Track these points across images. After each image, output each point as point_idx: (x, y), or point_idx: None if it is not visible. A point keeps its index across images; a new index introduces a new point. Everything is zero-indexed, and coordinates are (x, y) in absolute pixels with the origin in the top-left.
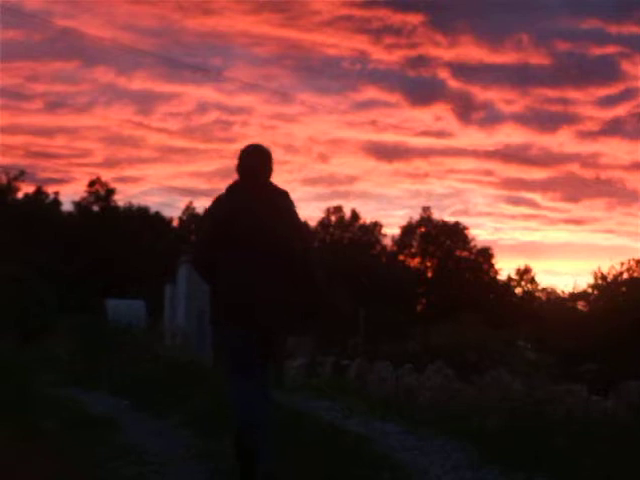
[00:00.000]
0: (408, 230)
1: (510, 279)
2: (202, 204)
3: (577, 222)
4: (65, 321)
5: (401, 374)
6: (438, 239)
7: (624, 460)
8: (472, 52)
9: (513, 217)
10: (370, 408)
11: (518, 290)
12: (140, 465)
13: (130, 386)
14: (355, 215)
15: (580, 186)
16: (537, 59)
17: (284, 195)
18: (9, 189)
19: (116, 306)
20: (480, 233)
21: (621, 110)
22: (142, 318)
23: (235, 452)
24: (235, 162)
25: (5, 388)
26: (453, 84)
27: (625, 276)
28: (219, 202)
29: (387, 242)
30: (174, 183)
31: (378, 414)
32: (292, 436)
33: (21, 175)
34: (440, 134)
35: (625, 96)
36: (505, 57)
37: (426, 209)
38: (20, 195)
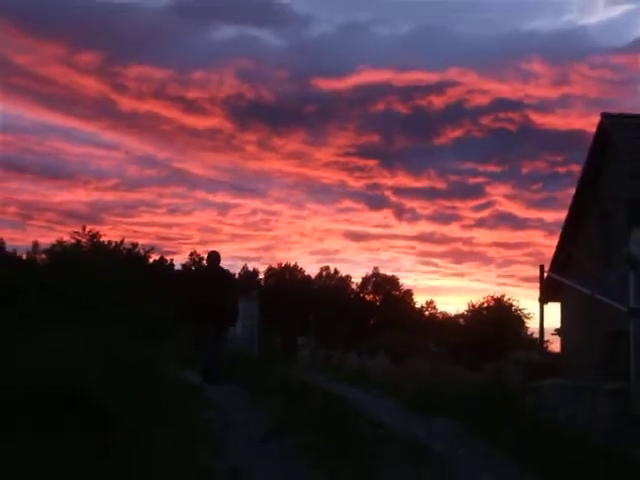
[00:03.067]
0: (366, 279)
1: (422, 307)
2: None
3: (460, 275)
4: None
5: (362, 360)
6: (383, 285)
7: (477, 401)
8: (403, 181)
9: (424, 272)
10: (344, 378)
11: (426, 313)
12: (215, 409)
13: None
14: (336, 271)
15: (462, 255)
16: (439, 184)
17: (227, 272)
18: (145, 258)
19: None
20: (406, 281)
21: (485, 213)
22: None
23: (204, 370)
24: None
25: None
26: (393, 199)
27: (485, 305)
28: (202, 272)
29: (354, 286)
30: (238, 254)
31: (349, 382)
32: (303, 391)
33: (151, 249)
34: (385, 226)
35: (487, 205)
36: (422, 183)
37: (376, 268)
38: (150, 261)
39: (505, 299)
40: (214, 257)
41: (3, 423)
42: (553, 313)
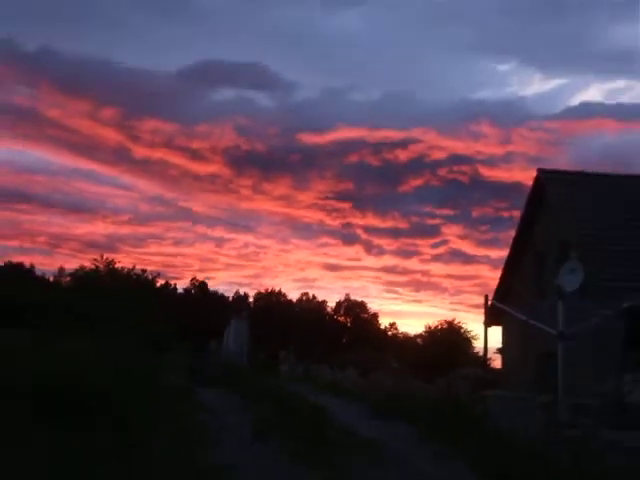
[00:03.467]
0: (339, 304)
1: (386, 328)
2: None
3: (419, 301)
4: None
5: (334, 373)
6: (353, 308)
7: (431, 409)
8: (372, 221)
9: (388, 298)
10: (319, 388)
11: (389, 333)
12: (209, 412)
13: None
14: (314, 296)
15: (420, 285)
16: (402, 224)
17: None
18: (152, 282)
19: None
20: (373, 306)
21: (440, 250)
22: (213, 346)
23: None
24: None
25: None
26: (364, 236)
27: (438, 327)
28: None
29: (329, 310)
30: (232, 280)
31: (325, 392)
32: (285, 398)
33: (158, 275)
34: (356, 259)
35: (442, 243)
36: (388, 223)
37: (348, 294)
38: (157, 285)
39: (455, 323)
40: None
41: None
42: (495, 335)
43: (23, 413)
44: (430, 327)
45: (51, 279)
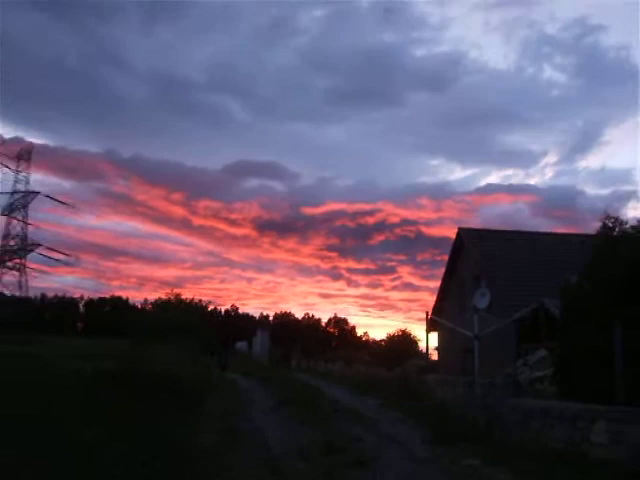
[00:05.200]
0: (330, 320)
1: (361, 336)
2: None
3: (383, 317)
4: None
5: (329, 365)
6: (339, 323)
7: (391, 387)
8: (352, 264)
9: (363, 316)
10: (319, 376)
11: (363, 339)
12: (243, 392)
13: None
14: (313, 315)
15: (384, 306)
16: (371, 266)
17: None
18: (206, 307)
19: (240, 345)
20: (352, 321)
21: (397, 283)
22: (245, 348)
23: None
24: None
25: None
26: (346, 274)
27: (396, 334)
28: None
29: (323, 324)
30: (258, 306)
31: (320, 378)
32: (293, 383)
33: (209, 302)
34: (341, 290)
35: (398, 278)
36: (362, 265)
37: (335, 313)
38: (209, 309)
39: (407, 331)
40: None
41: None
42: (433, 338)
43: (128, 390)
44: (390, 334)
45: (139, 306)
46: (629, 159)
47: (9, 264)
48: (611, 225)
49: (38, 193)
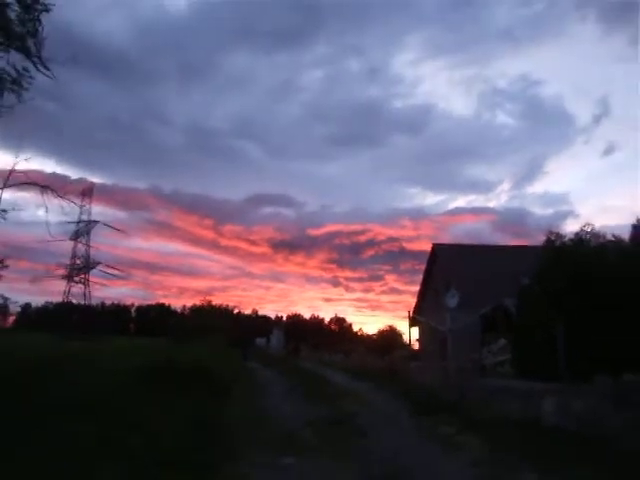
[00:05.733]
0: (331, 319)
1: (357, 331)
2: (281, 313)
3: (375, 316)
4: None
5: (331, 356)
6: (339, 321)
7: (381, 374)
8: (348, 274)
9: (358, 315)
10: (323, 365)
11: (359, 334)
12: (263, 379)
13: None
14: (318, 316)
15: (375, 307)
16: (364, 275)
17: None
18: (232, 310)
19: (259, 340)
20: (349, 319)
21: (385, 288)
22: (264, 343)
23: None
24: None
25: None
26: (344, 282)
27: (385, 329)
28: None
29: (326, 322)
30: (274, 308)
31: (324, 367)
32: (302, 371)
33: (234, 307)
34: (340, 295)
35: (385, 284)
36: (356, 274)
37: (336, 314)
38: (235, 312)
39: (394, 327)
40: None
41: (179, 385)
42: (415, 332)
43: (168, 380)
44: (380, 330)
45: (179, 311)
46: (566, 185)
47: (76, 279)
48: (553, 238)
49: (98, 222)
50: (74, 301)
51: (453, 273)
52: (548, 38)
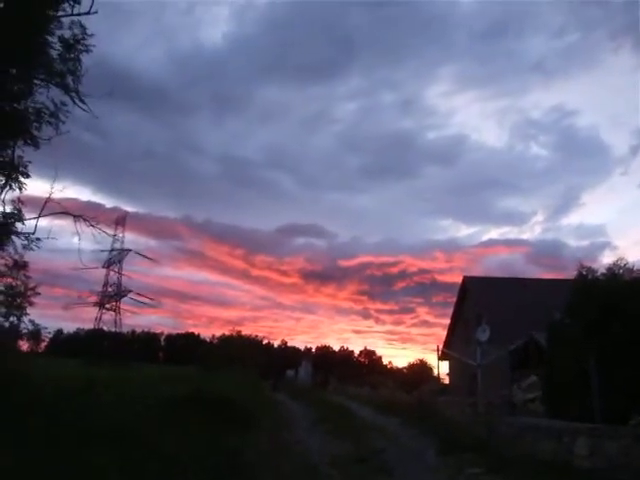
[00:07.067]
0: (361, 352)
1: (386, 364)
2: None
3: (404, 349)
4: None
5: (359, 390)
6: (368, 354)
7: (409, 408)
8: (379, 306)
9: (388, 348)
10: (351, 398)
11: (388, 367)
12: (289, 411)
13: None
14: (347, 348)
15: (405, 340)
16: (395, 307)
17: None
18: (261, 341)
19: (288, 372)
20: (379, 352)
21: (415, 321)
22: (293, 375)
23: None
24: None
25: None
26: (374, 314)
27: (414, 363)
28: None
29: (356, 354)
30: (304, 340)
31: (352, 400)
32: (329, 404)
33: (263, 337)
34: (370, 327)
35: (417, 317)
36: (387, 307)
37: (365, 346)
38: (264, 342)
39: (424, 360)
40: None
41: (205, 415)
42: (445, 366)
43: (194, 409)
44: (410, 363)
45: (208, 340)
46: (603, 216)
47: (107, 306)
48: (585, 273)
49: (130, 250)
50: (105, 328)
51: (484, 306)
52: (582, 69)
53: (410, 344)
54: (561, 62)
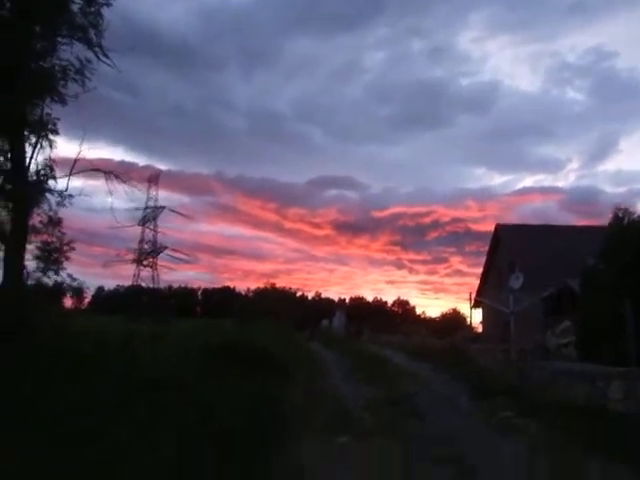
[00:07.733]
0: (394, 302)
1: (420, 314)
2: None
3: (437, 299)
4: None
5: (390, 337)
6: (402, 304)
7: (442, 354)
8: (412, 256)
9: (421, 298)
10: (384, 346)
11: (421, 316)
12: (324, 360)
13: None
14: (381, 299)
15: (439, 289)
16: (428, 257)
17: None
18: (295, 293)
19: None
20: (412, 301)
21: (449, 270)
22: (327, 325)
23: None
24: None
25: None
26: (407, 264)
27: (447, 312)
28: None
29: (389, 304)
30: (338, 291)
31: (385, 348)
32: (363, 352)
33: (297, 289)
34: (404, 277)
35: (450, 267)
36: (420, 257)
37: (399, 296)
38: (298, 294)
39: (456, 309)
40: None
41: (241, 365)
42: (478, 314)
43: (231, 359)
44: (443, 312)
45: (243, 293)
46: None
47: (144, 263)
48: (621, 215)
49: (164, 207)
50: (143, 284)
51: (517, 254)
52: (622, 8)
53: (443, 294)
54: (599, 1)
